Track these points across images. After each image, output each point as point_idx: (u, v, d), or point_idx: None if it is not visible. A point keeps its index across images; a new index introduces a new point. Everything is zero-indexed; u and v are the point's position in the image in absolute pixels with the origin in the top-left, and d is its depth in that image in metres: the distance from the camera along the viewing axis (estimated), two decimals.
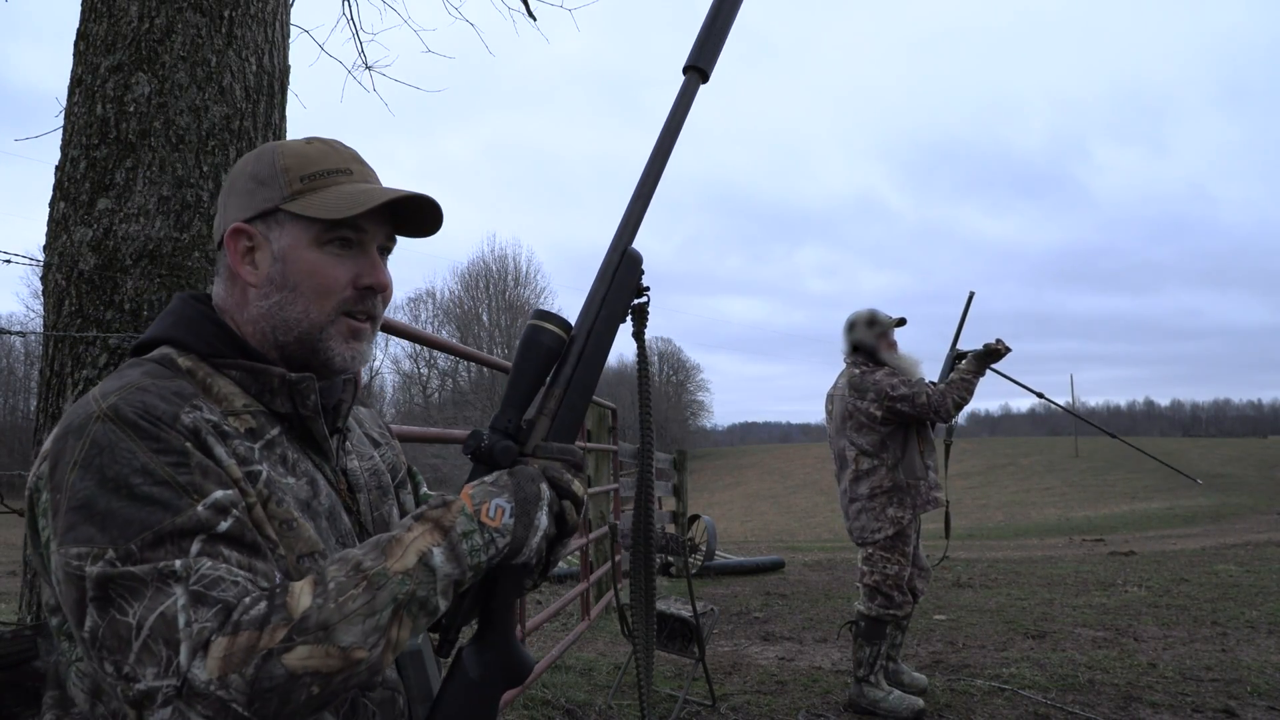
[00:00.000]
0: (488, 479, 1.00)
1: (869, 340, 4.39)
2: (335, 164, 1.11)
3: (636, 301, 1.13)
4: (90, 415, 0.92)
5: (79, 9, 2.37)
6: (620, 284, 1.12)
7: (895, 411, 4.18)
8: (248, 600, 0.85)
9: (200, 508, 0.89)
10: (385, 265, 1.13)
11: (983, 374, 4.35)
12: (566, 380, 1.08)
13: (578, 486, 1.05)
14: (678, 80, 1.21)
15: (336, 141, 1.16)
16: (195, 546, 0.87)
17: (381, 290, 1.11)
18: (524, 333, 1.08)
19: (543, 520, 1.00)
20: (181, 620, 0.82)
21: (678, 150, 1.19)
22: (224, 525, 0.90)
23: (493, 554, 0.96)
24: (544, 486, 1.01)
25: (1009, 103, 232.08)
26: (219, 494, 0.91)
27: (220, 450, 0.96)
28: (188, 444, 0.93)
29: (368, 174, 1.14)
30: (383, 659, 0.88)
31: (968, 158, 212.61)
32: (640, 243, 1.15)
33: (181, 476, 0.90)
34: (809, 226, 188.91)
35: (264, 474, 0.99)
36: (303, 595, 0.86)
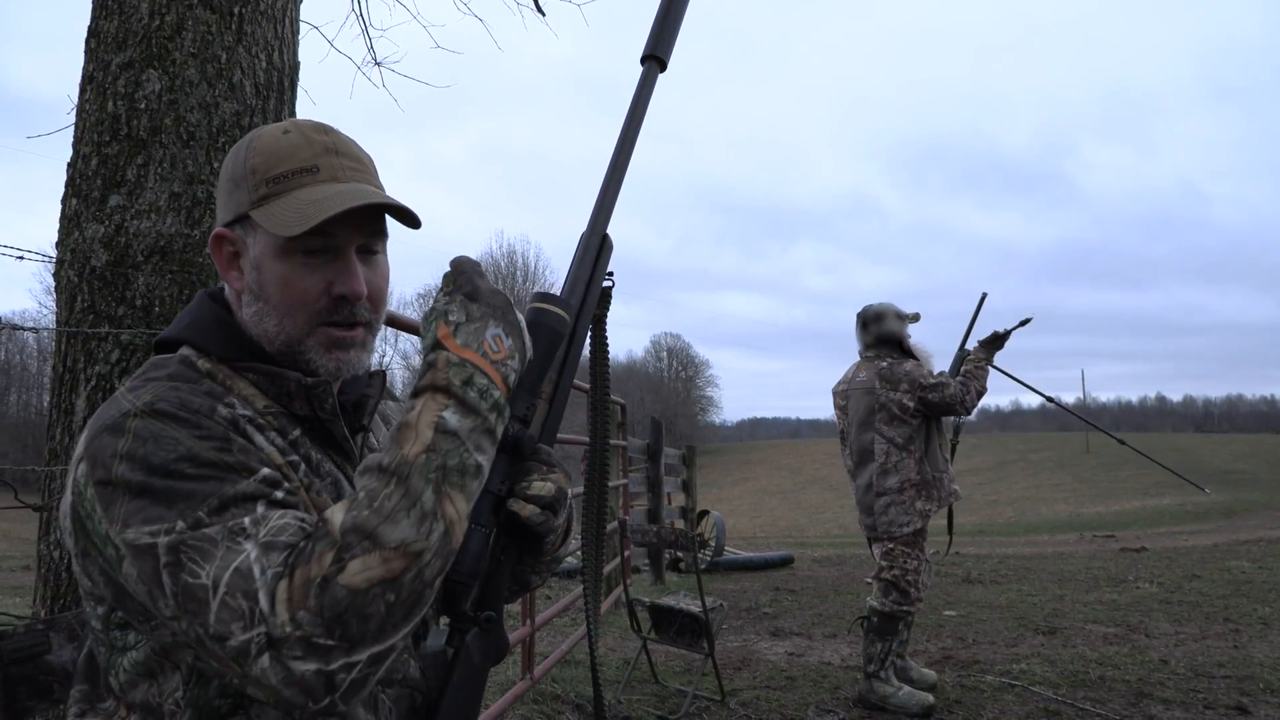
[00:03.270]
0: (452, 314, 0.96)
1: (901, 331, 4.39)
2: (302, 161, 1.02)
3: (604, 284, 1.15)
4: (125, 413, 0.92)
5: (90, 7, 2.38)
6: (603, 268, 1.14)
7: (926, 402, 4.19)
8: (301, 543, 0.85)
9: (254, 480, 0.90)
10: (374, 265, 1.07)
11: (991, 359, 4.43)
12: (560, 364, 1.08)
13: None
14: (665, 80, 1.24)
15: (317, 128, 1.06)
16: (259, 508, 0.88)
17: (356, 299, 1.03)
18: (530, 316, 1.06)
19: (520, 317, 1.02)
20: (256, 571, 0.82)
21: (669, 149, 1.23)
22: (279, 494, 0.91)
23: (509, 381, 0.96)
24: (497, 288, 1.02)
25: (995, 101, 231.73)
26: (267, 471, 0.92)
27: (260, 439, 0.97)
28: (230, 431, 0.94)
29: (338, 168, 1.04)
30: (448, 539, 0.86)
31: (957, 156, 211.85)
32: (633, 240, 1.18)
33: (228, 458, 0.90)
34: (804, 224, 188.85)
35: (301, 465, 1.00)
36: (336, 515, 0.85)
